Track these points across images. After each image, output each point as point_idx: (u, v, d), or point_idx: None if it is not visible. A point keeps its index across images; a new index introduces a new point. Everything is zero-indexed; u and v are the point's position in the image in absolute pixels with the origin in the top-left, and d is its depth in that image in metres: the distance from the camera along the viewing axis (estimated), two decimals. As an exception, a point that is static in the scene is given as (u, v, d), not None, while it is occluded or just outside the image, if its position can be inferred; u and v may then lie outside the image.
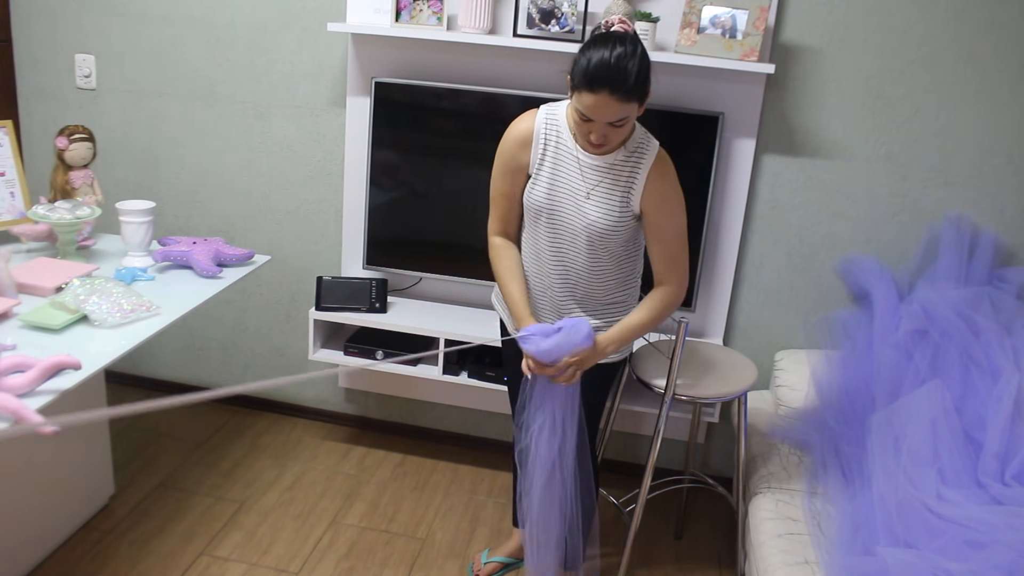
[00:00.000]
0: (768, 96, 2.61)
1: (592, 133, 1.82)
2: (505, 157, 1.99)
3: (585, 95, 1.76)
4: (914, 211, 2.64)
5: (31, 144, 3.13)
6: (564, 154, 1.94)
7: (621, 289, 2.06)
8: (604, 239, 1.93)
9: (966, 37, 2.47)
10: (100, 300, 1.92)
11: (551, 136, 1.95)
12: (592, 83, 1.74)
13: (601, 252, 1.96)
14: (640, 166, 1.90)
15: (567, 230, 1.96)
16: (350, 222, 2.95)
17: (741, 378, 2.32)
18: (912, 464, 2.03)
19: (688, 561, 2.64)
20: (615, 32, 1.79)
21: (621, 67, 1.73)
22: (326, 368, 3.14)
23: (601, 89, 1.74)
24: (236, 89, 2.94)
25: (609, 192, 1.91)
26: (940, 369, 2.29)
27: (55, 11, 2.99)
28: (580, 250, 1.96)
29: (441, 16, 2.61)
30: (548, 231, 1.98)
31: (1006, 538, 1.80)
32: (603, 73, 1.73)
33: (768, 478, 2.33)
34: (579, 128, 1.85)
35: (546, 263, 2.02)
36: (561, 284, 2.02)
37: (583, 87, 1.76)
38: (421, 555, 2.57)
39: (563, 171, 1.94)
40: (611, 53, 1.73)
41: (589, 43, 1.79)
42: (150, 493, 2.74)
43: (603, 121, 1.79)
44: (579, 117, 1.82)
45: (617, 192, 1.91)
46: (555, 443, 2.00)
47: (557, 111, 1.97)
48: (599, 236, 1.93)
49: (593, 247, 1.95)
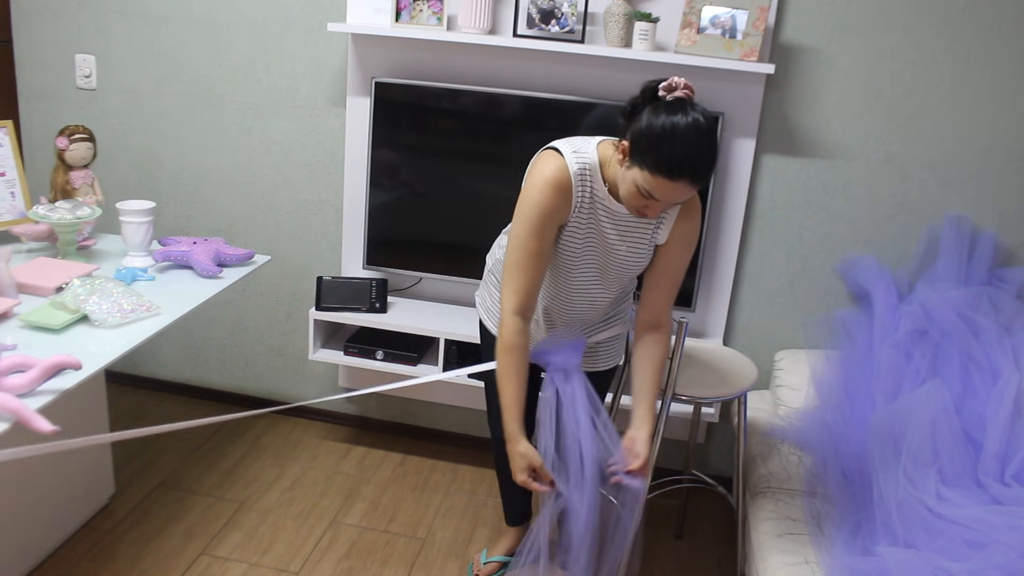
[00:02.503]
0: (768, 96, 2.61)
1: (649, 208, 1.72)
2: (545, 212, 1.77)
3: (661, 181, 1.63)
4: (914, 211, 2.64)
5: (31, 144, 3.13)
6: (597, 203, 1.83)
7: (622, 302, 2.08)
8: (629, 273, 1.94)
9: (966, 37, 2.47)
10: (100, 300, 1.92)
11: (585, 186, 1.80)
12: (673, 172, 1.62)
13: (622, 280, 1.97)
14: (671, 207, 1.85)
15: (595, 274, 1.92)
16: (350, 222, 2.95)
17: (741, 378, 2.32)
18: (912, 464, 2.03)
19: (688, 561, 2.64)
20: (690, 103, 1.66)
21: (706, 159, 1.64)
22: (325, 368, 3.15)
23: (682, 179, 1.63)
24: (236, 89, 2.94)
25: (641, 236, 1.88)
26: (940, 369, 2.29)
27: (55, 11, 2.99)
28: (603, 289, 1.96)
29: (441, 16, 2.61)
30: (574, 277, 1.92)
31: (1006, 538, 1.80)
32: (689, 164, 1.61)
33: (768, 478, 2.33)
34: (635, 201, 1.71)
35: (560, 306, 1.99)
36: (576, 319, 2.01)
37: (662, 174, 1.63)
38: (421, 555, 2.57)
39: (597, 220, 1.85)
40: (696, 138, 1.61)
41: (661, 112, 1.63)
42: (150, 493, 2.74)
43: (669, 202, 1.70)
44: (639, 192, 1.68)
45: (647, 232, 1.88)
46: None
47: (587, 157, 1.80)
48: (624, 273, 1.93)
49: (618, 284, 1.96)
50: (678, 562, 2.63)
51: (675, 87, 1.67)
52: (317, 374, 3.19)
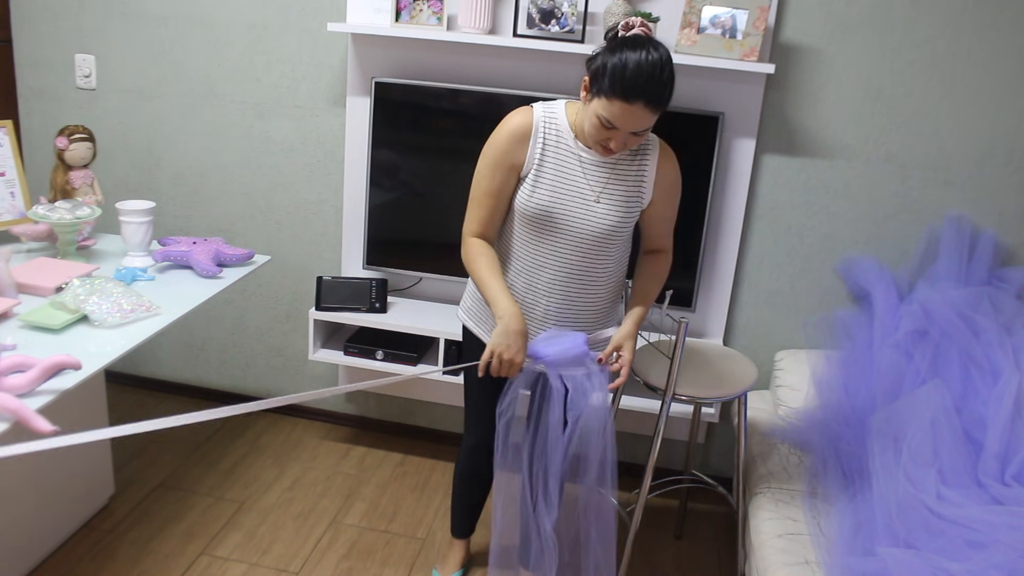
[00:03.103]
0: (768, 96, 2.61)
1: (612, 140, 1.76)
2: (498, 152, 1.88)
3: (616, 104, 1.69)
4: (914, 211, 2.64)
5: (31, 144, 3.13)
6: (565, 153, 1.87)
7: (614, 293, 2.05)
8: (612, 238, 1.91)
9: (966, 37, 2.47)
10: (100, 300, 1.92)
11: (550, 134, 1.87)
12: (628, 93, 1.67)
13: (607, 251, 1.93)
14: (647, 159, 1.89)
15: (573, 234, 1.89)
16: (350, 222, 2.95)
17: (741, 378, 2.32)
18: (912, 464, 2.03)
19: (688, 561, 2.64)
20: (644, 37, 1.72)
21: (659, 77, 1.68)
22: (325, 368, 3.15)
23: (637, 100, 1.68)
24: (236, 89, 2.94)
25: (618, 190, 1.88)
26: (940, 369, 2.29)
27: (55, 11, 2.99)
28: (585, 253, 1.91)
29: (441, 16, 2.61)
30: (550, 237, 1.90)
31: (1006, 538, 1.80)
32: (641, 83, 1.66)
33: (768, 478, 2.33)
34: (597, 134, 1.76)
35: (543, 271, 1.94)
36: (560, 292, 1.96)
37: (616, 96, 1.68)
38: (421, 555, 2.57)
39: (566, 172, 1.86)
40: (647, 60, 1.67)
41: (617, 47, 1.71)
42: (150, 493, 2.74)
43: (629, 130, 1.74)
44: (600, 123, 1.74)
45: (627, 189, 1.89)
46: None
47: (555, 110, 1.89)
48: (608, 236, 1.90)
49: (600, 248, 1.92)
50: (678, 562, 2.63)
51: (632, 26, 1.75)
52: (317, 374, 3.19)
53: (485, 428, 2.22)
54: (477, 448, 2.25)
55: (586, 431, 1.94)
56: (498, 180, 1.90)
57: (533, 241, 1.93)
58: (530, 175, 1.88)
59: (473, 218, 1.95)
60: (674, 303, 2.64)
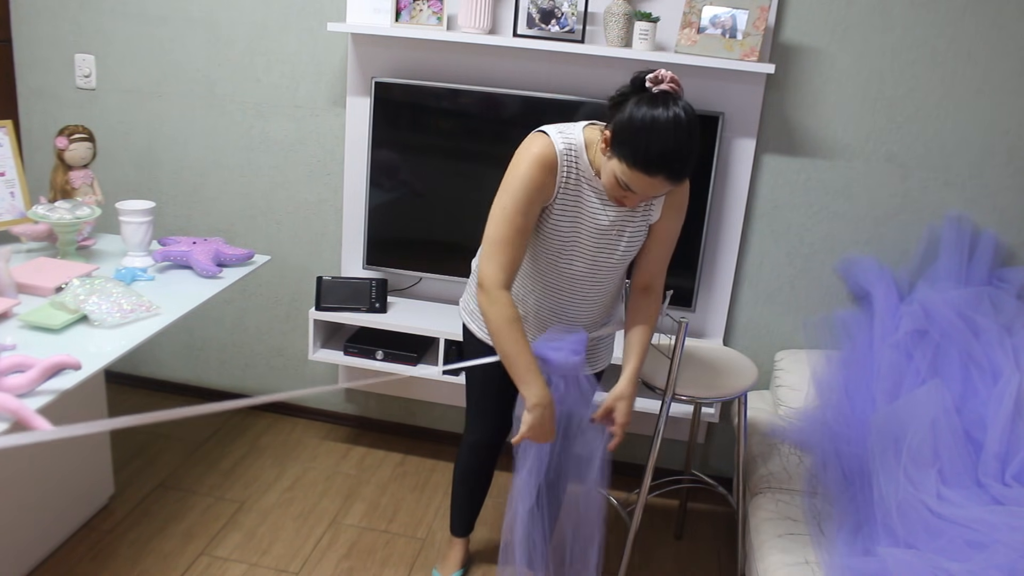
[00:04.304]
0: (768, 96, 2.61)
1: (628, 200, 1.73)
2: (532, 187, 1.75)
3: (638, 175, 1.64)
4: (914, 211, 2.64)
5: (31, 144, 3.13)
6: (584, 182, 1.81)
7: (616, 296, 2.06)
8: (625, 260, 1.92)
9: (966, 37, 2.47)
10: (100, 300, 1.92)
11: (571, 165, 1.79)
12: (650, 168, 1.62)
13: (618, 271, 1.95)
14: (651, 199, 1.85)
15: (589, 261, 1.88)
16: (350, 222, 2.95)
17: (741, 378, 2.32)
18: (912, 464, 2.03)
19: (688, 561, 2.64)
20: (673, 97, 1.64)
21: (684, 155, 1.63)
22: (325, 368, 3.15)
23: (658, 174, 1.63)
24: (236, 89, 2.94)
25: (632, 216, 1.86)
26: (940, 369, 2.29)
27: (55, 11, 2.99)
28: (599, 279, 1.92)
29: (441, 16, 2.61)
30: (566, 264, 1.88)
31: (1006, 538, 1.80)
32: (666, 160, 1.62)
33: (768, 478, 2.33)
34: (614, 191, 1.72)
35: (557, 294, 1.94)
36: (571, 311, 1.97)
37: (638, 168, 1.63)
38: (421, 555, 2.57)
39: (585, 200, 1.82)
40: (675, 135, 1.60)
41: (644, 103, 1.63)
42: (150, 493, 2.74)
43: (648, 195, 1.71)
44: (618, 183, 1.69)
45: (639, 213, 1.87)
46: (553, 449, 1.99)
47: (573, 141, 1.79)
48: (622, 260, 1.90)
49: (611, 270, 1.92)
50: (678, 562, 2.63)
51: (661, 80, 1.65)
52: (317, 374, 3.19)
53: (487, 426, 2.22)
54: (478, 446, 2.26)
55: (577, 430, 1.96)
56: (532, 215, 1.79)
57: (549, 267, 1.91)
58: (555, 205, 1.82)
59: (500, 265, 1.78)
60: (674, 303, 2.64)
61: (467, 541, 2.47)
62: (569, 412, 1.94)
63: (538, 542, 2.04)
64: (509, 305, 1.79)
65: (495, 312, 1.79)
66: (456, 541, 2.46)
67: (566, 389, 1.90)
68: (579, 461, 2.01)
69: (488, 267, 1.80)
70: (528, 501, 1.98)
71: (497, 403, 2.17)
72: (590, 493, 2.04)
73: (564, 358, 1.86)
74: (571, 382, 1.91)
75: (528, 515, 2.00)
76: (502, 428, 2.23)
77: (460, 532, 2.45)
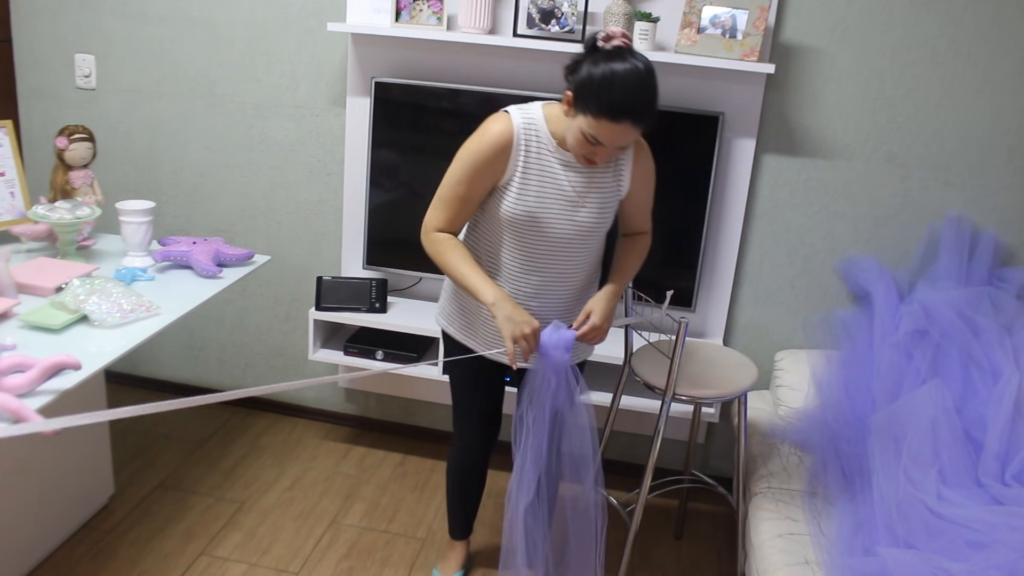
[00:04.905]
0: (768, 96, 2.61)
1: (597, 155, 1.78)
2: (479, 163, 1.85)
3: (603, 123, 1.70)
4: (914, 211, 2.64)
5: (31, 144, 3.13)
6: (547, 159, 1.87)
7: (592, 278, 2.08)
8: (595, 234, 1.95)
9: (966, 37, 2.47)
10: (100, 300, 1.92)
11: (531, 142, 1.86)
12: (615, 113, 1.69)
13: (589, 246, 1.97)
14: (623, 156, 1.92)
15: (559, 237, 1.91)
16: (350, 222, 2.95)
17: (741, 378, 2.32)
18: (912, 464, 2.03)
19: (688, 561, 2.64)
20: (628, 50, 1.73)
21: (646, 98, 1.70)
22: (325, 368, 3.15)
23: (624, 119, 1.69)
24: (236, 89, 2.94)
25: (599, 190, 1.91)
26: (940, 369, 2.29)
27: (55, 11, 2.99)
28: (571, 253, 1.95)
29: (441, 16, 2.61)
30: (535, 241, 1.92)
31: (1006, 538, 1.80)
32: (628, 103, 1.68)
33: (768, 478, 2.33)
34: (582, 148, 1.78)
35: (531, 275, 1.96)
36: (547, 292, 1.98)
37: (603, 116, 1.69)
38: (421, 555, 2.57)
39: (549, 178, 1.88)
40: (633, 78, 1.68)
41: (600, 60, 1.71)
42: (150, 493, 2.74)
43: (615, 146, 1.76)
44: (585, 139, 1.75)
45: (607, 187, 1.92)
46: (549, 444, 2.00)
47: (533, 116, 1.88)
48: (591, 234, 1.94)
49: (583, 245, 1.95)
50: (678, 562, 2.63)
51: (612, 36, 1.74)
52: (317, 374, 3.18)
53: (475, 429, 2.25)
54: (467, 448, 2.28)
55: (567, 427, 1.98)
56: (474, 188, 1.89)
57: (519, 247, 1.94)
58: (514, 183, 1.88)
59: (439, 216, 1.93)
60: (674, 303, 2.64)
61: (467, 543, 2.48)
62: (560, 408, 1.96)
63: (538, 542, 2.04)
64: (448, 238, 1.92)
65: (433, 245, 1.94)
66: (456, 543, 2.46)
67: (557, 384, 1.93)
68: (573, 459, 2.02)
69: (429, 215, 1.95)
70: (527, 497, 1.98)
71: (481, 404, 2.21)
72: (588, 492, 2.04)
73: (560, 356, 1.89)
74: (562, 377, 1.93)
75: (528, 512, 2.00)
76: (490, 428, 2.27)
77: (459, 535, 2.45)
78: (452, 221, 1.93)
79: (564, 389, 1.94)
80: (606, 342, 2.64)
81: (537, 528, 2.03)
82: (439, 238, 1.93)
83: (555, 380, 1.92)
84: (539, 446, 1.96)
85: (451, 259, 1.91)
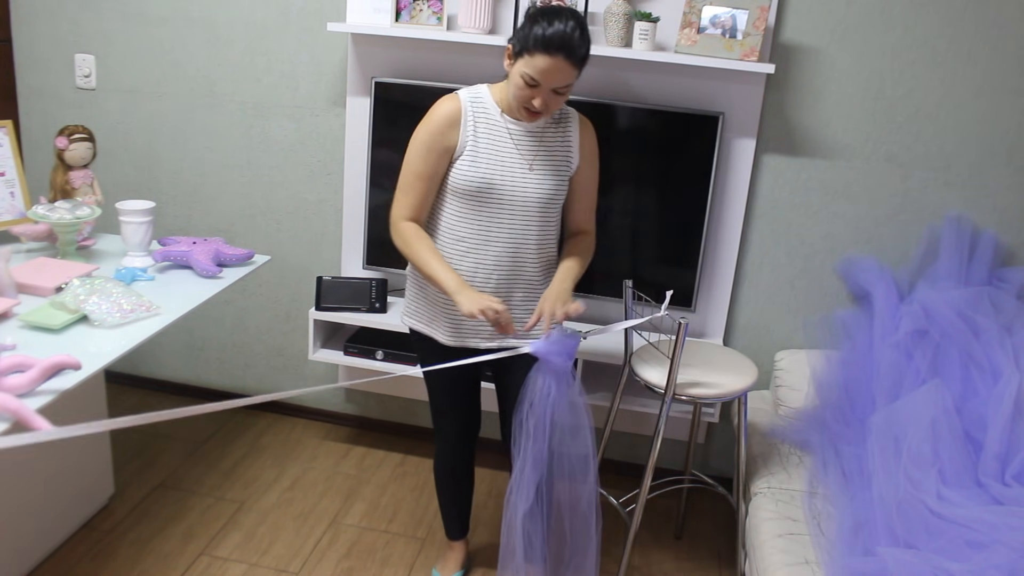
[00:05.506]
0: (768, 96, 2.61)
1: (536, 99, 1.88)
2: (430, 137, 1.98)
3: (540, 58, 1.83)
4: (914, 211, 2.64)
5: (31, 144, 3.13)
6: (495, 128, 1.98)
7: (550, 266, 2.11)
8: (550, 204, 2.02)
9: (966, 37, 2.47)
10: (100, 300, 1.92)
11: (479, 113, 1.98)
12: (549, 47, 1.82)
13: (546, 218, 2.03)
14: (570, 128, 2.04)
15: (514, 203, 1.99)
16: (350, 222, 2.95)
17: (741, 378, 2.32)
18: (912, 464, 2.03)
19: (688, 561, 2.64)
20: (561, 6, 1.90)
21: (577, 36, 1.85)
22: (325, 368, 3.15)
23: (557, 53, 1.82)
24: (236, 89, 2.94)
25: (549, 157, 2.00)
26: (940, 369, 2.29)
27: (55, 11, 2.99)
28: (527, 222, 2.01)
29: (441, 16, 2.61)
30: (491, 210, 1.99)
31: (1006, 538, 1.80)
32: (561, 39, 1.82)
33: (768, 478, 2.33)
34: (521, 94, 1.89)
35: (489, 246, 2.01)
36: (507, 264, 2.03)
37: (539, 50, 1.82)
38: (421, 555, 2.57)
39: (499, 145, 1.98)
40: (566, 24, 1.83)
41: (538, 14, 1.86)
42: (150, 493, 2.74)
43: (550, 87, 1.86)
44: (524, 83, 1.86)
45: (556, 154, 2.01)
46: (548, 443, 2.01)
47: (479, 91, 2.02)
48: (546, 202, 2.00)
49: (539, 215, 2.01)
50: (678, 562, 2.63)
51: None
52: (317, 374, 3.19)
53: (454, 427, 2.28)
54: (449, 446, 2.31)
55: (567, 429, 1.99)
56: (431, 163, 1.98)
57: (475, 219, 2.00)
58: (465, 153, 1.98)
59: (404, 204, 2.02)
60: (674, 303, 2.64)
61: (466, 543, 2.48)
62: (561, 412, 1.97)
63: (536, 542, 2.04)
64: (414, 228, 2.01)
65: (401, 236, 2.01)
66: (454, 543, 2.47)
67: (558, 391, 1.94)
68: (572, 460, 2.02)
69: (395, 205, 2.03)
70: (526, 503, 1.99)
71: (459, 401, 2.25)
72: (586, 492, 2.05)
73: (563, 363, 1.92)
74: (561, 382, 1.94)
75: (527, 515, 2.00)
76: (469, 425, 2.30)
77: (455, 535, 2.46)
78: (416, 206, 2.01)
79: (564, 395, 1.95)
80: (606, 342, 2.66)
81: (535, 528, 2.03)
82: (405, 229, 2.01)
83: (555, 387, 1.94)
84: (539, 451, 1.97)
85: (418, 248, 1.99)
